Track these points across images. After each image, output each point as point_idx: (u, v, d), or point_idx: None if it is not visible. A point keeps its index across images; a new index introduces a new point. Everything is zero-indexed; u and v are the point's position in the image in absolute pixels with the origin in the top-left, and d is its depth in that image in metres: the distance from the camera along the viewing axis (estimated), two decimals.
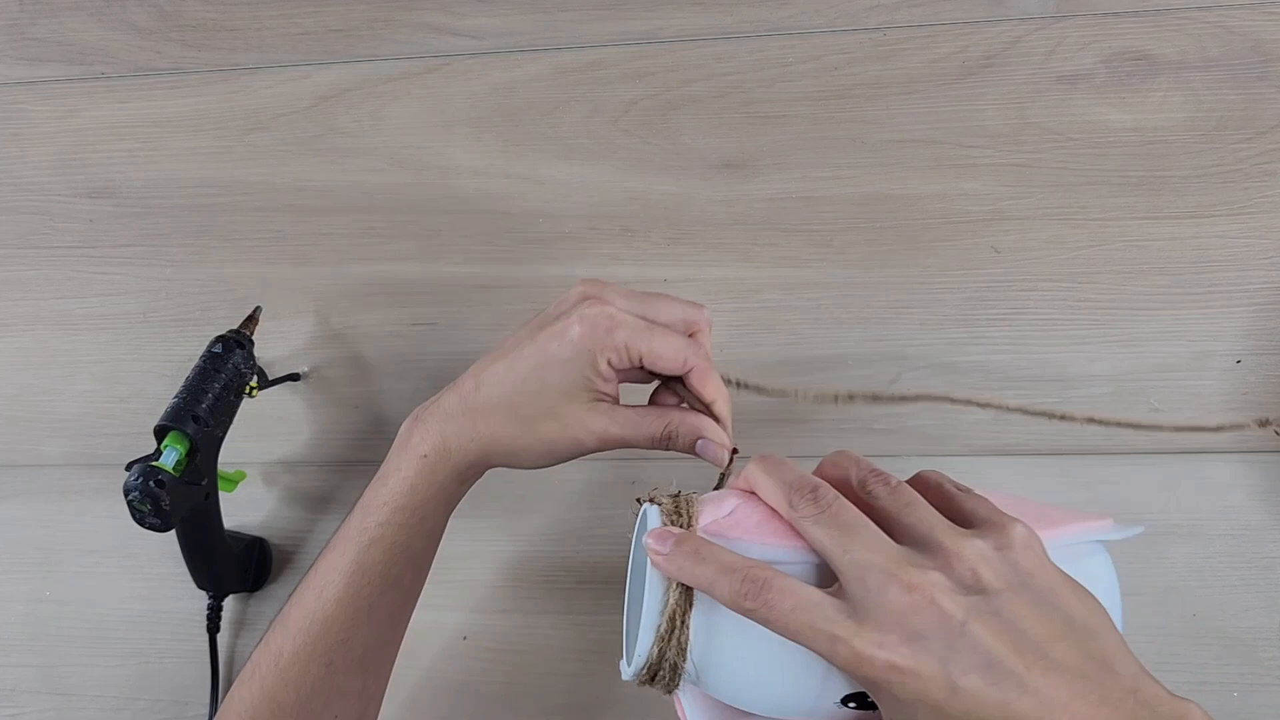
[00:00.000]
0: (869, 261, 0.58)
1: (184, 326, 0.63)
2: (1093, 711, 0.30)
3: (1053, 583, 0.33)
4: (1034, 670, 0.30)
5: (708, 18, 0.60)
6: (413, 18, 0.62)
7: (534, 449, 0.44)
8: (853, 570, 0.32)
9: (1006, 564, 0.32)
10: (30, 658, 0.62)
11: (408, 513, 0.44)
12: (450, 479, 0.44)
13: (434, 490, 0.44)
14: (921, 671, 0.31)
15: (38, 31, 0.66)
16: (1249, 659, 0.53)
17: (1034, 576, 0.32)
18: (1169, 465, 0.55)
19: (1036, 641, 0.31)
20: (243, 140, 0.63)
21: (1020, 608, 0.31)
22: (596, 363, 0.42)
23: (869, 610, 0.32)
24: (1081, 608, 0.33)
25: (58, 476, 0.64)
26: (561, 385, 0.42)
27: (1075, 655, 0.31)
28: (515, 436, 0.43)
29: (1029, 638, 0.31)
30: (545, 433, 0.43)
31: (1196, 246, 0.56)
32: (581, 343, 0.41)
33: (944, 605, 0.31)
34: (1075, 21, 0.57)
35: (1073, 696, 0.30)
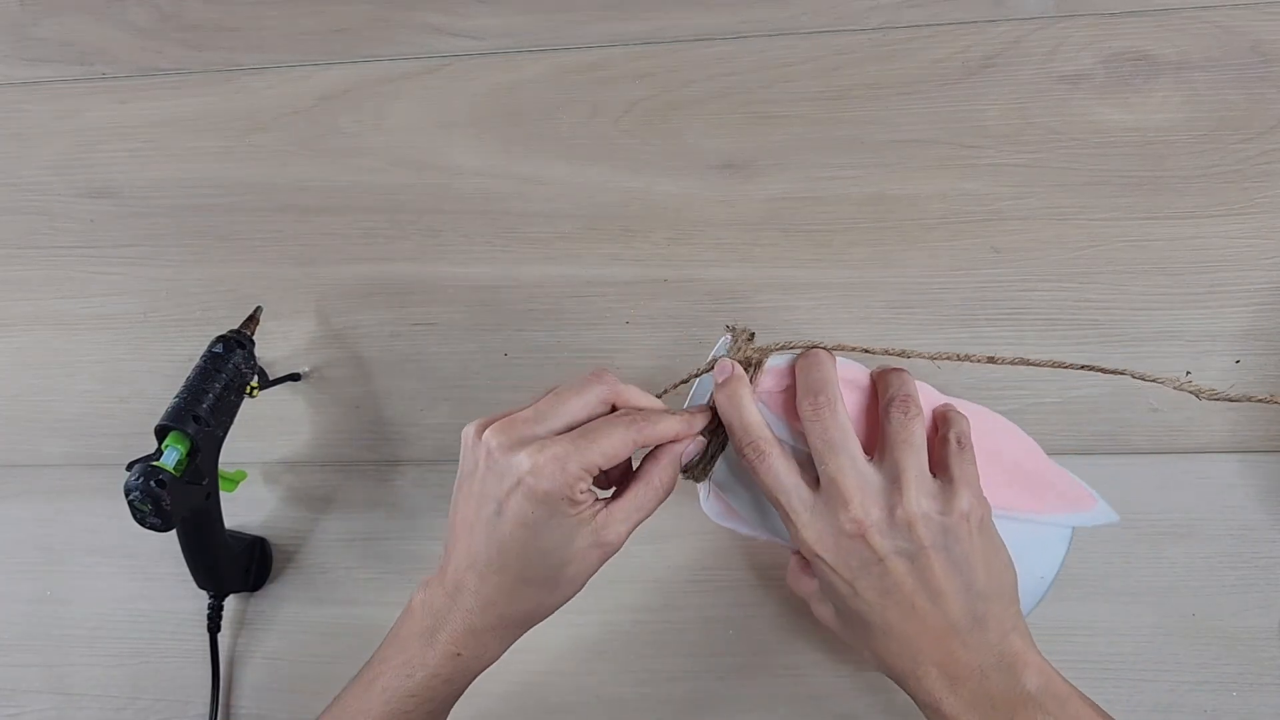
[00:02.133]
0: (869, 261, 0.58)
1: (184, 326, 0.63)
2: (953, 647, 0.40)
3: (970, 551, 0.41)
4: (920, 608, 0.40)
5: (709, 18, 0.60)
6: (414, 18, 0.63)
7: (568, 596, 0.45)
8: (823, 479, 0.42)
9: (941, 527, 0.41)
10: (30, 658, 0.62)
11: (437, 702, 0.44)
12: (483, 667, 0.45)
13: (467, 679, 0.45)
14: (839, 572, 0.41)
15: (39, 32, 0.66)
16: (1249, 659, 0.53)
17: (959, 542, 0.41)
18: (1169, 465, 0.55)
19: (934, 590, 0.40)
20: (244, 140, 0.63)
21: (934, 562, 0.40)
22: (575, 501, 0.41)
23: (823, 514, 0.42)
24: (985, 577, 0.41)
25: (58, 476, 0.64)
26: (559, 542, 0.42)
27: (959, 609, 0.40)
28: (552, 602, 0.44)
29: (930, 585, 0.40)
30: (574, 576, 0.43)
31: (1196, 246, 0.56)
32: (549, 501, 0.40)
33: (874, 541, 0.41)
34: (1076, 21, 0.57)
35: (943, 635, 0.40)
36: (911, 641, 0.41)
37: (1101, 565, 0.54)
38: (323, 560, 0.61)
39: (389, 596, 0.60)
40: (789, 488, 0.42)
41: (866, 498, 0.41)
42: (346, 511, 0.61)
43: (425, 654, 0.43)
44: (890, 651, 0.42)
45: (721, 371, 0.44)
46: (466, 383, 0.61)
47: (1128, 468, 0.55)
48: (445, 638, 0.43)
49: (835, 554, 0.41)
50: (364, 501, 0.61)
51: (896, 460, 0.41)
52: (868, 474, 0.42)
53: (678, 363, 0.58)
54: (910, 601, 0.41)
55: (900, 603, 0.41)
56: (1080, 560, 0.54)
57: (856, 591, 0.41)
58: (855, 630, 0.44)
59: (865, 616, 0.42)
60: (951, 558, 0.41)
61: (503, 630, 0.44)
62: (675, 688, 0.57)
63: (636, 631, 0.57)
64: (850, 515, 0.41)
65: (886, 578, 0.41)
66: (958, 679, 0.40)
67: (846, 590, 0.42)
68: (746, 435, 0.43)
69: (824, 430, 0.42)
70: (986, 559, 0.41)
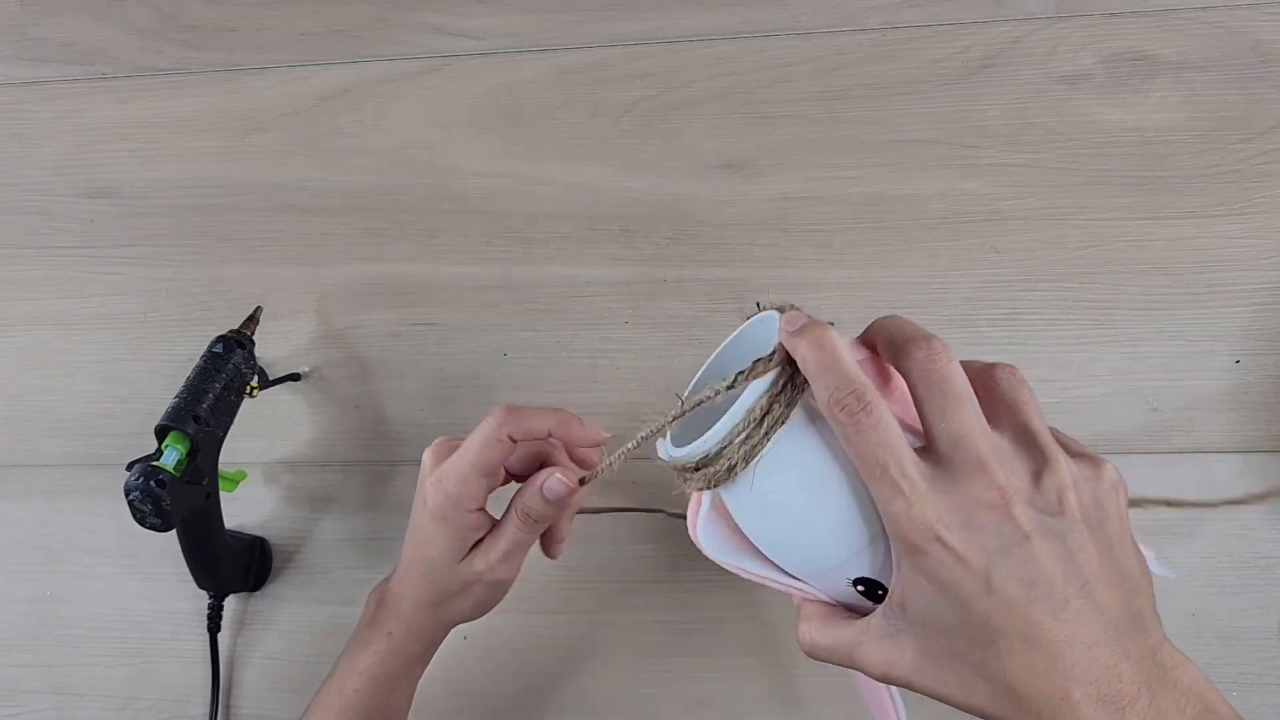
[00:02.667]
0: (869, 261, 0.58)
1: (184, 326, 0.63)
2: (1113, 659, 0.31)
3: (1122, 532, 0.33)
4: (1074, 602, 0.31)
5: (709, 18, 0.60)
6: (413, 18, 0.63)
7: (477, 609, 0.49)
8: (945, 441, 0.32)
9: (1092, 497, 0.32)
10: (30, 658, 0.62)
11: (379, 681, 0.48)
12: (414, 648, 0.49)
13: (402, 660, 0.48)
14: (968, 559, 0.31)
15: (39, 32, 0.66)
16: (1249, 659, 0.53)
17: (1110, 520, 0.33)
18: (1169, 465, 0.55)
19: (1087, 579, 0.31)
20: (243, 140, 0.63)
21: (1087, 542, 0.31)
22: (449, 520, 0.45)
23: (946, 485, 0.32)
24: (1136, 565, 0.33)
25: (58, 476, 0.64)
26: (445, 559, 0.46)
27: (1117, 604, 0.31)
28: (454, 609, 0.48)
29: (1082, 572, 0.31)
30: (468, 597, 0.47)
31: (1196, 246, 0.56)
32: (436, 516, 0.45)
33: (1016, 514, 0.31)
34: (1075, 22, 0.57)
35: (1099, 639, 0.31)
36: (1060, 652, 0.30)
37: None
38: (323, 560, 0.61)
39: None
40: (902, 448, 0.32)
41: (1005, 461, 0.32)
42: (346, 511, 0.61)
43: (370, 633, 0.48)
44: (1030, 670, 0.31)
45: (795, 320, 0.34)
46: (466, 383, 0.61)
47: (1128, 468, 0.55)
48: (382, 618, 0.48)
49: (966, 533, 0.31)
50: (364, 501, 0.61)
51: (1022, 423, 0.33)
52: (998, 438, 0.33)
53: (678, 363, 0.58)
54: (1062, 596, 0.31)
55: (1048, 596, 0.31)
56: None
57: (991, 586, 0.31)
58: (964, 655, 0.32)
59: (997, 621, 0.31)
60: (1106, 539, 0.32)
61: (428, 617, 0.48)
62: (675, 688, 0.57)
63: (636, 631, 0.57)
64: (990, 480, 0.31)
65: (1032, 563, 0.31)
66: (1122, 701, 0.30)
67: (975, 587, 0.31)
68: (846, 384, 0.32)
69: (944, 378, 0.33)
70: (1133, 543, 0.33)
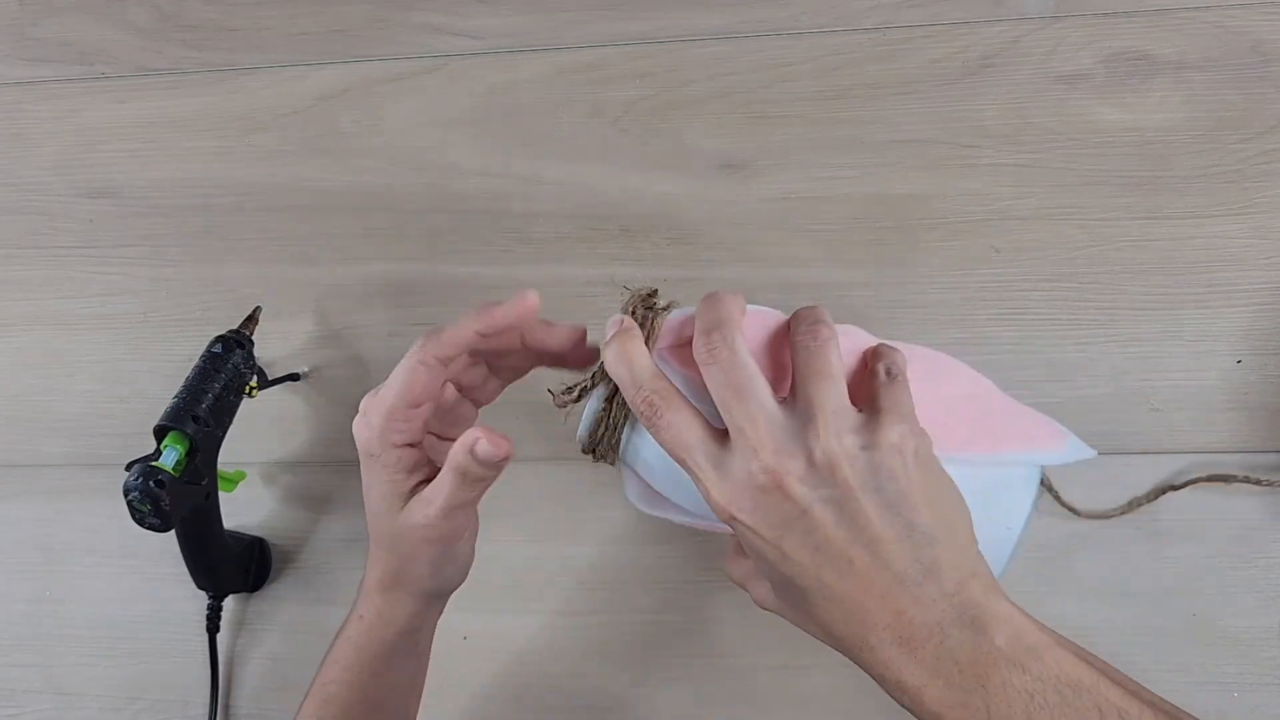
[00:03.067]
0: (869, 261, 0.58)
1: (184, 326, 0.63)
2: (904, 605, 0.34)
3: (908, 488, 0.35)
4: (859, 561, 0.34)
5: (708, 18, 0.60)
6: (413, 18, 0.62)
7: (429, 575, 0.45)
8: (731, 430, 0.36)
9: (869, 465, 0.34)
10: (30, 658, 0.62)
11: (355, 670, 0.45)
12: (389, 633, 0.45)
13: (377, 645, 0.45)
14: (760, 533, 0.35)
15: (38, 31, 0.66)
16: (1249, 659, 0.53)
17: (892, 479, 0.34)
18: (1169, 465, 0.55)
19: (871, 538, 0.34)
20: (243, 140, 0.63)
21: (865, 507, 0.34)
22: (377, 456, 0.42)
23: (731, 470, 0.35)
24: (930, 516, 0.35)
25: (58, 476, 0.64)
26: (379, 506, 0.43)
27: (904, 558, 0.34)
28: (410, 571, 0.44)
29: (865, 534, 0.34)
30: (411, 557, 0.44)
31: (1196, 246, 0.56)
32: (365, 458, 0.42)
33: (793, 491, 0.34)
34: (1075, 21, 0.57)
35: (889, 590, 0.34)
36: (856, 603, 0.34)
37: (1102, 565, 0.54)
38: (322, 560, 0.61)
39: None
40: (693, 443, 0.36)
41: (779, 442, 0.35)
42: (346, 511, 0.61)
43: (347, 620, 0.46)
44: (835, 619, 0.35)
45: (611, 327, 0.38)
46: None
47: (1128, 468, 0.55)
48: (359, 603, 0.46)
49: (753, 513, 0.35)
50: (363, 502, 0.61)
51: (809, 395, 0.35)
52: (778, 417, 0.35)
53: None
54: (846, 556, 0.34)
55: (835, 559, 0.34)
56: (1081, 560, 0.54)
57: (785, 553, 0.35)
58: (795, 603, 0.37)
59: (800, 582, 0.35)
60: (885, 498, 0.34)
61: (390, 593, 0.45)
62: (675, 688, 0.57)
63: (636, 631, 0.57)
64: (762, 464, 0.34)
65: (814, 532, 0.34)
66: (914, 642, 0.34)
67: (774, 554, 0.35)
68: (639, 389, 0.36)
69: (722, 372, 0.36)
70: (929, 495, 0.35)
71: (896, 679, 0.34)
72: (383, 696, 0.46)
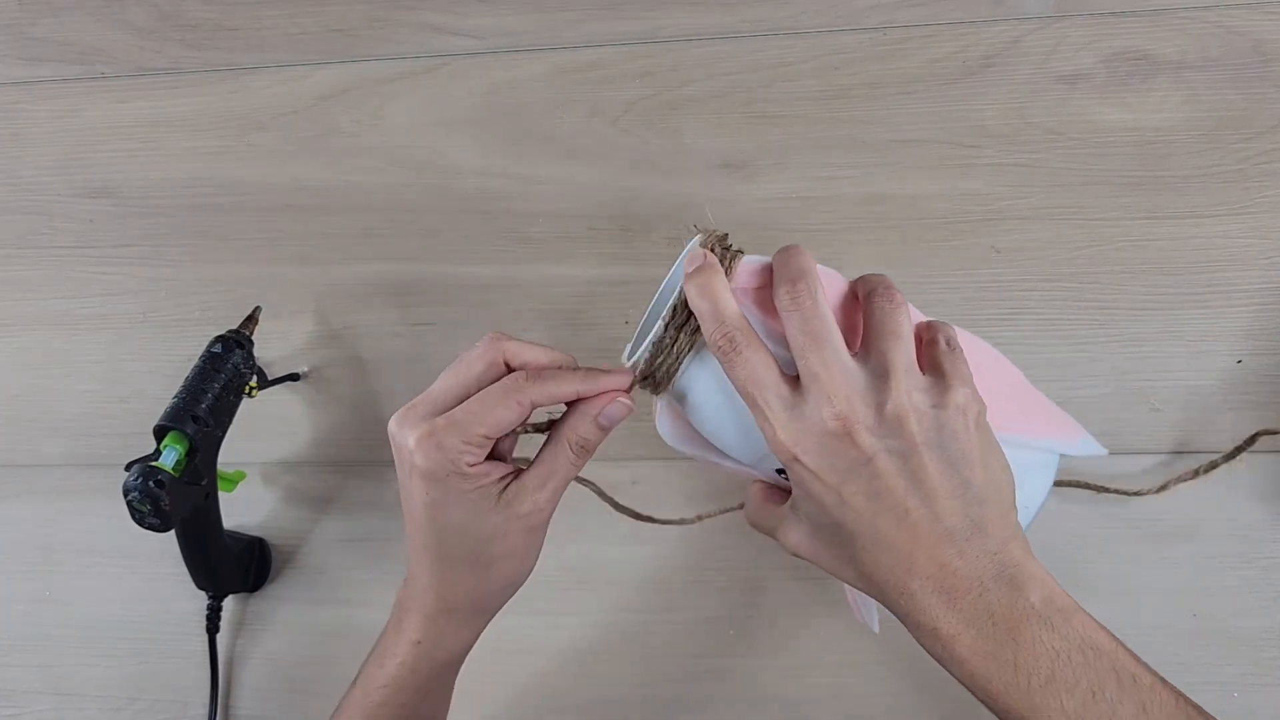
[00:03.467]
0: (869, 261, 0.58)
1: (184, 326, 0.63)
2: (949, 558, 0.36)
3: (967, 449, 0.37)
4: (914, 512, 0.36)
5: (708, 17, 0.60)
6: (413, 18, 0.62)
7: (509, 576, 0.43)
8: (806, 375, 0.37)
9: (934, 422, 0.37)
10: (30, 658, 0.62)
11: (406, 693, 0.44)
12: (445, 655, 0.45)
13: (433, 668, 0.44)
14: (821, 477, 0.37)
15: (38, 31, 0.66)
16: (1249, 659, 0.53)
17: (954, 439, 0.37)
18: (1169, 465, 0.55)
19: (928, 492, 0.36)
20: (242, 140, 0.63)
21: (927, 461, 0.36)
22: (464, 475, 0.40)
23: (801, 414, 0.37)
24: (983, 477, 0.37)
25: (58, 476, 0.64)
26: (468, 518, 0.41)
27: (956, 514, 0.36)
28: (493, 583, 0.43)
29: (924, 487, 0.36)
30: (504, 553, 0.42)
31: (1196, 246, 0.56)
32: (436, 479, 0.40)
33: (860, 439, 0.36)
34: (1075, 21, 0.57)
35: (938, 542, 0.36)
36: (904, 551, 0.36)
37: (1102, 565, 0.54)
38: (322, 560, 0.61)
39: (388, 597, 0.59)
40: (767, 383, 0.37)
41: (852, 392, 0.36)
42: (346, 512, 0.61)
43: (395, 643, 0.44)
44: (880, 565, 0.37)
45: (693, 260, 0.39)
46: None
47: (1127, 468, 0.55)
48: (408, 625, 0.44)
49: (818, 456, 0.36)
50: (363, 502, 0.61)
51: (883, 352, 0.37)
52: (852, 368, 0.37)
53: None
54: (903, 505, 0.36)
55: (892, 507, 0.36)
56: (1081, 560, 0.54)
57: (843, 498, 0.37)
58: (838, 547, 0.38)
59: (851, 527, 0.37)
60: (947, 455, 0.36)
61: (454, 615, 0.43)
62: (675, 688, 0.57)
63: (636, 631, 0.57)
64: (835, 411, 0.36)
65: (876, 480, 0.36)
66: (955, 592, 0.36)
67: (831, 499, 0.37)
68: (721, 325, 0.38)
69: (804, 320, 0.37)
70: (985, 458, 0.37)
71: (932, 625, 0.36)
72: (429, 713, 0.46)
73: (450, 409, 0.40)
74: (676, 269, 0.43)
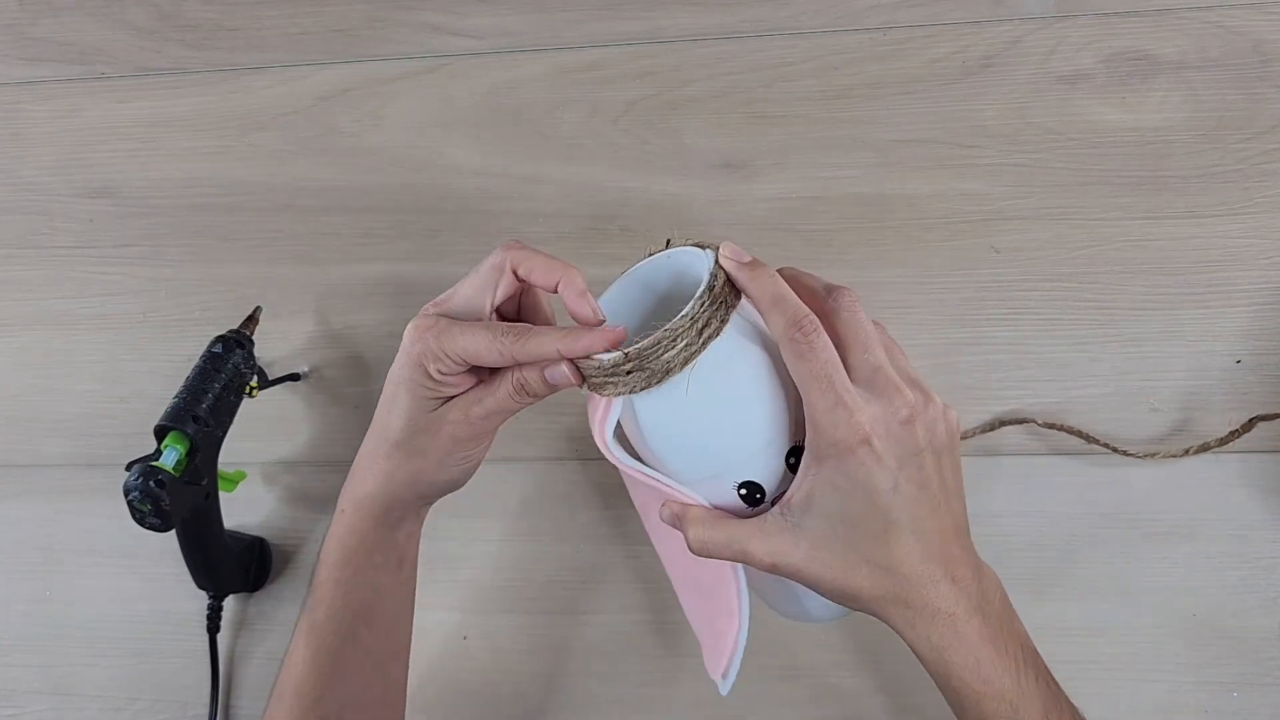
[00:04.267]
0: (869, 261, 0.58)
1: (184, 326, 0.63)
2: (958, 550, 0.40)
3: (957, 459, 0.42)
4: (942, 505, 0.40)
5: (708, 17, 0.60)
6: (413, 18, 0.62)
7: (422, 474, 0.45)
8: (868, 368, 0.40)
9: (945, 430, 0.41)
10: (30, 658, 0.62)
11: (340, 568, 0.46)
12: (374, 527, 0.46)
13: (360, 541, 0.46)
14: (884, 460, 0.39)
15: (38, 31, 0.66)
16: (1249, 659, 0.53)
17: (954, 450, 0.42)
18: (1169, 465, 0.55)
19: (949, 490, 0.41)
20: (243, 140, 0.63)
21: (948, 463, 0.41)
22: (428, 375, 0.42)
23: (872, 400, 0.39)
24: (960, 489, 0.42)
25: (58, 476, 0.64)
26: (409, 405, 0.43)
27: (961, 513, 0.41)
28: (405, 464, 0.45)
29: (947, 485, 0.41)
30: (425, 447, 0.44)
31: (1196, 246, 0.56)
32: (408, 365, 0.43)
33: (917, 431, 0.39)
34: (1075, 21, 0.57)
35: (952, 535, 0.40)
36: (933, 542, 0.39)
37: (1102, 565, 0.54)
38: None
39: None
40: (841, 369, 0.39)
41: (909, 388, 0.39)
42: None
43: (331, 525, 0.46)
44: (912, 553, 0.39)
45: (737, 255, 0.41)
46: None
47: (1128, 468, 0.55)
48: (339, 500, 0.46)
49: (886, 440, 0.38)
50: None
51: (904, 368, 0.41)
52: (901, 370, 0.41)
53: None
54: (937, 498, 0.40)
55: (930, 498, 0.39)
56: (1081, 560, 0.54)
57: (898, 485, 0.39)
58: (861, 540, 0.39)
59: (896, 514, 0.39)
60: (955, 461, 0.41)
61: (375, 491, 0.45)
62: (675, 688, 0.57)
63: (636, 631, 0.57)
64: (905, 400, 0.39)
65: (923, 470, 0.39)
66: (962, 581, 0.40)
67: (888, 484, 0.38)
68: (795, 311, 0.39)
69: (860, 321, 0.40)
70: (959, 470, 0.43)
71: (949, 610, 0.39)
72: (380, 592, 0.47)
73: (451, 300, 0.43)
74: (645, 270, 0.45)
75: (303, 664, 0.45)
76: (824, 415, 0.38)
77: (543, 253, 0.43)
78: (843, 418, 0.38)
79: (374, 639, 0.47)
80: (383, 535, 0.46)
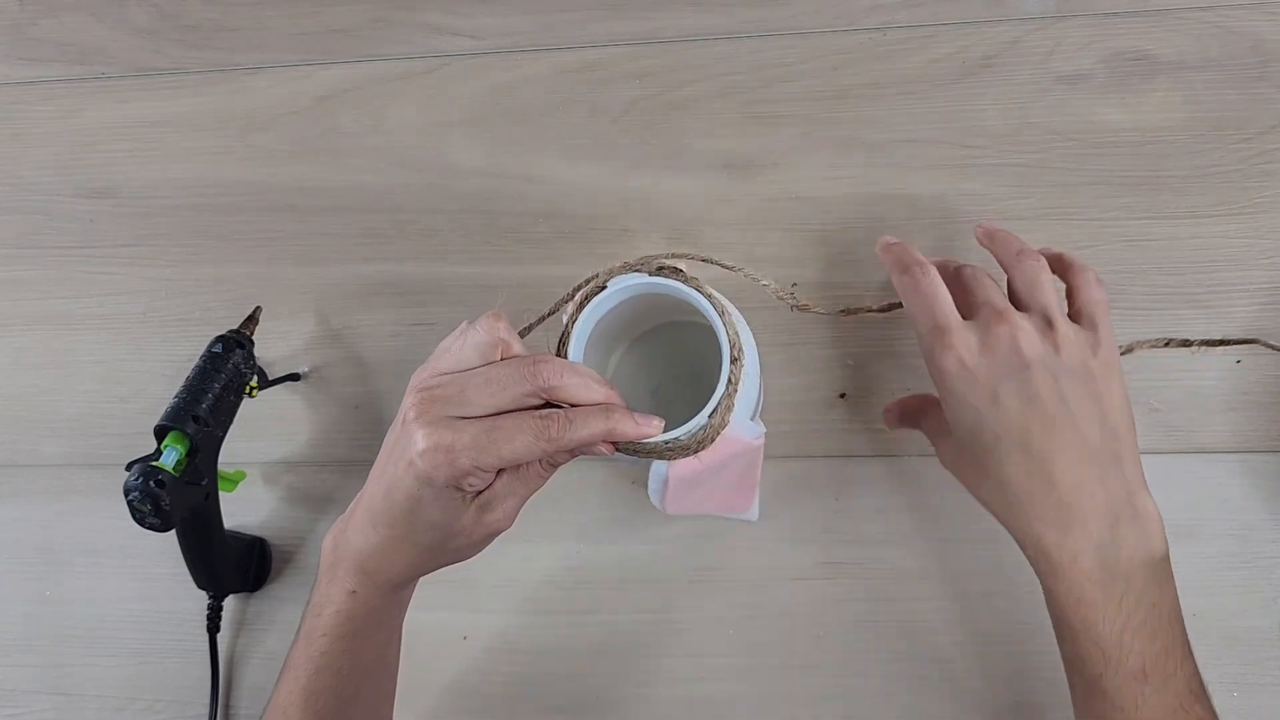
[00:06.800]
0: (869, 261, 0.58)
1: (184, 326, 0.63)
2: (1087, 479, 0.40)
3: (1108, 388, 0.41)
4: (1060, 423, 0.40)
5: (708, 18, 0.60)
6: (413, 18, 0.63)
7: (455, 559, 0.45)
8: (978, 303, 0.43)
9: (1082, 361, 0.41)
10: (30, 658, 0.62)
11: (348, 639, 0.45)
12: (383, 601, 0.45)
13: (369, 613, 0.45)
14: (978, 376, 0.41)
15: (38, 31, 0.66)
16: (1249, 659, 0.53)
17: (1098, 375, 0.41)
18: (1169, 465, 0.55)
19: (1074, 411, 0.40)
20: (243, 140, 0.63)
21: (1075, 385, 0.40)
22: (461, 490, 0.41)
23: (973, 329, 0.42)
24: (1119, 417, 0.41)
25: (58, 476, 0.64)
26: (442, 519, 0.41)
27: (1097, 440, 0.40)
28: (432, 561, 0.44)
29: (1069, 405, 0.40)
30: (460, 548, 0.44)
31: (1196, 246, 0.56)
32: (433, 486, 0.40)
33: (1022, 346, 0.41)
34: (1075, 21, 0.57)
35: (1079, 460, 0.40)
36: (1046, 459, 0.40)
37: None
38: None
39: None
40: (946, 299, 0.43)
41: (1021, 317, 0.42)
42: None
43: (330, 592, 0.44)
44: (1020, 470, 0.40)
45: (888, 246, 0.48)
46: None
47: None
48: (343, 575, 0.44)
49: (982, 354, 0.41)
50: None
51: (1041, 301, 0.43)
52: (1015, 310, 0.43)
53: None
54: (1052, 415, 0.40)
55: (1041, 415, 0.40)
56: None
57: (998, 398, 0.40)
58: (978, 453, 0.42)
59: (997, 429, 0.40)
60: (1094, 390, 0.41)
61: (391, 576, 0.44)
62: (675, 688, 0.57)
63: (636, 631, 0.57)
64: (1004, 320, 0.41)
65: (1030, 384, 0.40)
66: (1090, 517, 0.39)
67: (986, 399, 0.41)
68: (906, 253, 0.45)
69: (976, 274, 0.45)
70: (1123, 407, 0.42)
71: (1057, 540, 0.39)
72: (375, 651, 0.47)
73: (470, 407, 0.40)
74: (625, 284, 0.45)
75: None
76: (925, 339, 0.43)
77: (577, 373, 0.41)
78: (941, 343, 0.42)
79: (372, 695, 0.47)
80: (391, 601, 0.46)
